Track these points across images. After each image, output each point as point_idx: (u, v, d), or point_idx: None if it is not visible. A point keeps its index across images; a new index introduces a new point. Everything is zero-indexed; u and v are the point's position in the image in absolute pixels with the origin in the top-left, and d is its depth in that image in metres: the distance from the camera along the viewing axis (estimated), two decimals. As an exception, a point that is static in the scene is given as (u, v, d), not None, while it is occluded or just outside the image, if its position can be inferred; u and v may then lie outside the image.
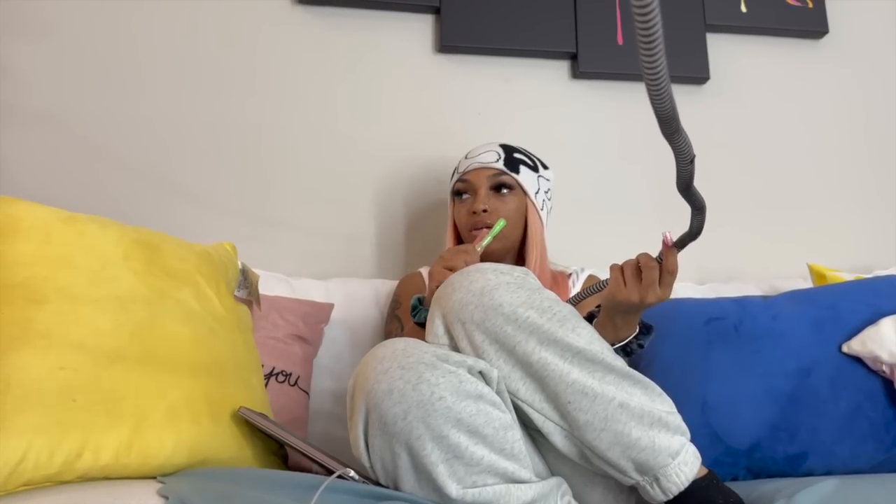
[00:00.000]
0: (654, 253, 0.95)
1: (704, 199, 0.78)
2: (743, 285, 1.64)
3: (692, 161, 0.66)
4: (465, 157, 1.37)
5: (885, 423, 1.18)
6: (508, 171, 1.32)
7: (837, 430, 1.17)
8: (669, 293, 0.94)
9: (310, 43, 1.69)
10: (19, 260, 0.85)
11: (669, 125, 0.58)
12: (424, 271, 1.42)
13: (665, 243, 0.92)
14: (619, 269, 0.96)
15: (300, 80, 1.68)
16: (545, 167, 1.40)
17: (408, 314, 1.29)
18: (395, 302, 1.36)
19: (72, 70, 1.57)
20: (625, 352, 1.00)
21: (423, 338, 0.91)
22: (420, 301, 1.08)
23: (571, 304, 0.99)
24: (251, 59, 1.66)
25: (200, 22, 1.65)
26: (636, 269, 0.95)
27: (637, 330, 1.01)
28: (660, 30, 0.47)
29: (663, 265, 0.93)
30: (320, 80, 1.69)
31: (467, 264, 0.99)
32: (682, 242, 0.89)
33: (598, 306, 1.04)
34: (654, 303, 0.94)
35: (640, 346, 1.02)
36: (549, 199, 1.39)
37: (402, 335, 1.24)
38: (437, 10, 1.74)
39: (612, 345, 0.98)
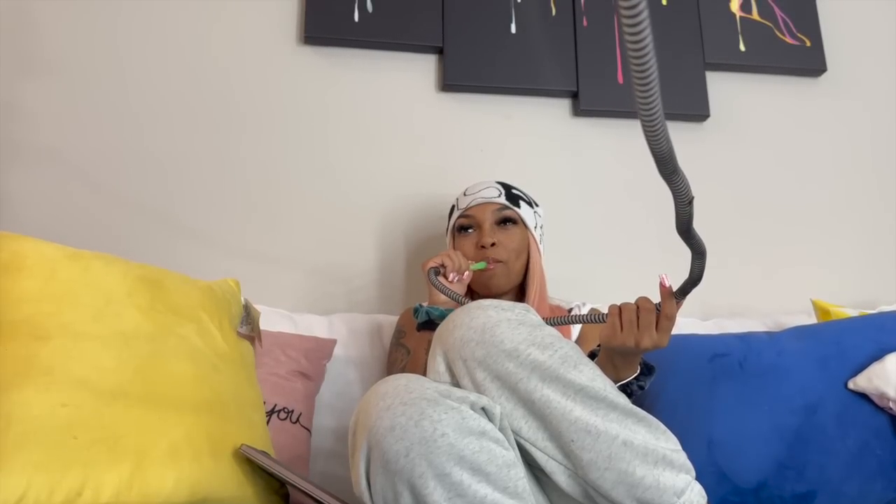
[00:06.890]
0: (655, 295, 0.95)
1: (705, 242, 0.78)
2: (747, 321, 1.64)
3: (691, 202, 0.66)
4: (465, 194, 1.39)
5: (894, 460, 1.16)
6: (511, 206, 1.34)
7: (845, 469, 1.16)
8: (667, 339, 0.94)
9: (314, 82, 1.72)
10: (24, 296, 0.86)
11: (666, 165, 0.59)
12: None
13: (662, 286, 0.92)
14: (616, 313, 0.96)
15: (304, 119, 1.70)
16: (536, 204, 1.43)
17: (413, 342, 1.29)
18: (400, 332, 1.36)
19: (76, 108, 1.60)
20: (625, 393, 0.99)
21: (426, 348, 0.90)
22: (421, 305, 1.13)
23: (555, 323, 0.97)
24: (256, 98, 1.69)
25: (206, 60, 1.68)
26: (634, 312, 0.95)
27: (638, 371, 1.01)
28: (655, 71, 0.47)
29: (661, 310, 0.93)
30: (324, 118, 1.71)
31: (456, 261, 1.22)
32: (685, 290, 0.88)
33: (600, 345, 1.04)
34: (649, 348, 0.94)
35: (641, 388, 1.01)
36: (543, 234, 1.42)
37: (407, 360, 1.24)
38: (440, 51, 1.77)
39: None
